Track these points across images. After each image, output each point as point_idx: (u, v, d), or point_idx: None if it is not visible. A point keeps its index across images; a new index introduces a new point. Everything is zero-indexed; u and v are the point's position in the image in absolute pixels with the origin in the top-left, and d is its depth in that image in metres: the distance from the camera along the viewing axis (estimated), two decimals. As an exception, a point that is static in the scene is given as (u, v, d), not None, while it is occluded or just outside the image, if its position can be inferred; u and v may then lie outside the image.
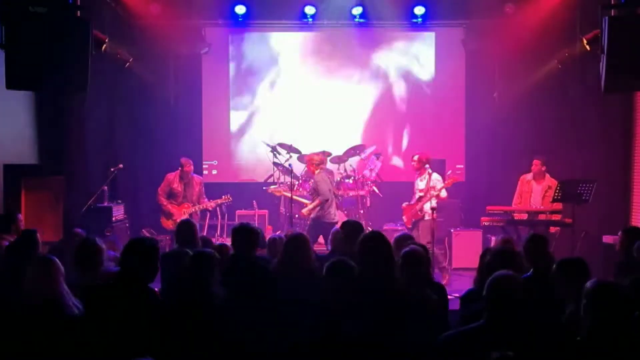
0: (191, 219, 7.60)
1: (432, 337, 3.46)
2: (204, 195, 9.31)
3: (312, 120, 11.33)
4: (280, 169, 10.24)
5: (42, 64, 6.32)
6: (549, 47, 9.82)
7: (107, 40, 8.61)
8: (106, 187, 9.26)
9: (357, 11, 10.59)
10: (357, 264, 3.83)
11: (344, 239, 5.50)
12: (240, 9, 10.61)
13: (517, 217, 8.77)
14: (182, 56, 10.78)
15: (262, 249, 5.86)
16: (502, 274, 3.36)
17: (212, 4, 10.70)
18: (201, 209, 9.26)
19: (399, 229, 9.27)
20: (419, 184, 8.73)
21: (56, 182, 8.62)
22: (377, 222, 10.41)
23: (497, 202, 9.01)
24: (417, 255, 4.33)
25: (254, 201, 10.24)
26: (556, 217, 8.56)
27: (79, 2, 6.79)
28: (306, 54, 11.36)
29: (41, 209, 8.61)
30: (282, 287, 4.52)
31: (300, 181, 9.97)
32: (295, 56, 11.36)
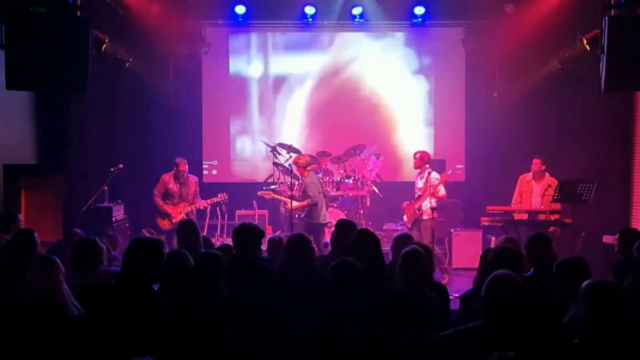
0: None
1: (433, 337, 3.45)
2: (198, 195, 9.30)
3: (312, 120, 11.33)
4: (280, 169, 10.23)
5: (42, 64, 6.30)
6: (549, 47, 9.83)
7: (107, 40, 8.62)
8: (106, 187, 9.25)
9: (357, 11, 10.61)
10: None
11: (337, 238, 5.51)
12: (240, 9, 10.63)
13: (517, 217, 8.76)
14: (182, 56, 10.77)
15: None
16: (501, 273, 3.34)
17: (212, 4, 10.71)
18: (197, 208, 9.25)
19: (399, 229, 9.27)
20: (419, 183, 8.74)
21: (56, 182, 8.64)
22: (377, 222, 10.41)
23: (497, 202, 9.00)
24: (416, 255, 4.33)
25: (254, 201, 10.24)
26: (556, 217, 8.55)
27: (79, 2, 6.78)
28: (306, 54, 11.35)
29: (41, 209, 8.63)
30: (285, 287, 4.51)
31: (300, 181, 9.95)
32: (295, 56, 11.36)
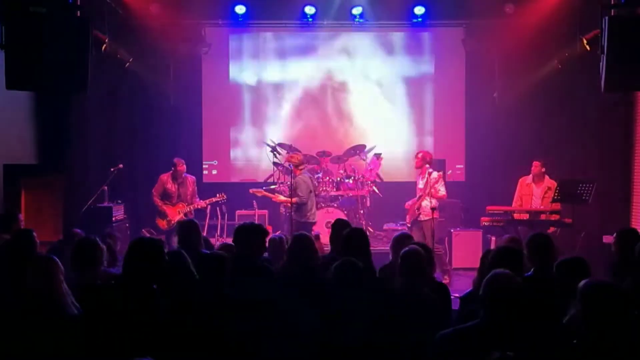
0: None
1: (433, 337, 3.44)
2: (197, 194, 9.29)
3: (313, 120, 11.33)
4: (280, 169, 10.23)
5: (42, 64, 6.31)
6: (549, 47, 9.84)
7: (107, 40, 8.63)
8: (106, 187, 9.25)
9: (357, 11, 10.61)
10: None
11: (334, 238, 5.52)
12: (240, 9, 10.63)
13: (517, 217, 8.76)
14: (182, 56, 10.77)
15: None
16: (500, 273, 3.33)
17: (212, 4, 10.71)
18: (196, 208, 9.24)
19: (399, 229, 9.27)
20: (420, 184, 8.73)
21: (56, 182, 8.64)
22: (377, 222, 10.41)
23: (497, 202, 8.99)
24: (416, 255, 4.32)
25: (254, 201, 10.23)
26: (556, 217, 8.55)
27: (79, 2, 6.78)
28: (306, 54, 11.36)
29: (41, 209, 8.64)
30: (288, 287, 4.50)
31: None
32: (295, 56, 11.36)
